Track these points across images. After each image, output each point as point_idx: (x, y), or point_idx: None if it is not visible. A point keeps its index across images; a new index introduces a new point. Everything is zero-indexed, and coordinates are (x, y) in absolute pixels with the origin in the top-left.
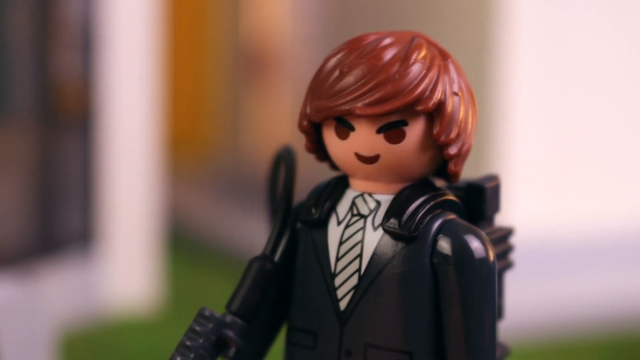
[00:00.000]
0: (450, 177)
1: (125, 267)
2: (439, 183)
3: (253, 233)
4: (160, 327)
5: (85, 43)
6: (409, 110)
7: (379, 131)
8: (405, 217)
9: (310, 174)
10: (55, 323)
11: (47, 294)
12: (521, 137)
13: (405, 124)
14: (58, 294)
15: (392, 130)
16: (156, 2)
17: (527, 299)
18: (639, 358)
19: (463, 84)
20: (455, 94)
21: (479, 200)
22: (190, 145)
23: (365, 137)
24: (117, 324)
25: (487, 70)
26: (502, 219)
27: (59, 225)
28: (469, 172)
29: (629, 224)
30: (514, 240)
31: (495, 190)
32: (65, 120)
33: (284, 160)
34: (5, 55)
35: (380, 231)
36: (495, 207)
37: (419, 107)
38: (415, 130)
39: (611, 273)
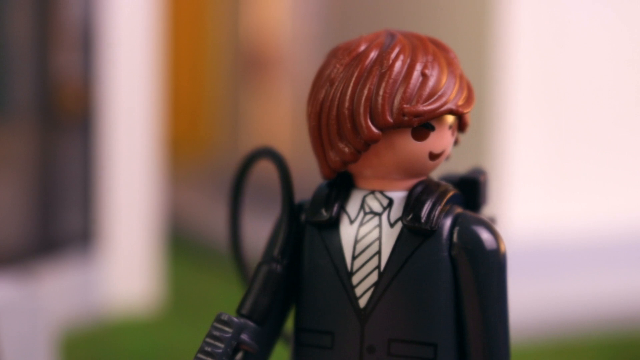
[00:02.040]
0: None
1: (125, 267)
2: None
3: (253, 233)
4: (160, 327)
5: (85, 43)
6: None
7: (449, 127)
8: (424, 212)
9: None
10: (55, 323)
11: (47, 294)
12: (521, 137)
13: (459, 118)
14: (58, 294)
15: (454, 125)
16: (156, 2)
17: (527, 299)
18: (638, 358)
19: None
20: None
21: (473, 193)
22: (190, 145)
23: (441, 135)
24: (117, 324)
25: (486, 70)
26: (501, 219)
27: (59, 225)
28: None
29: (629, 224)
30: (513, 239)
31: (485, 183)
32: (65, 120)
33: (274, 162)
34: (5, 55)
35: (397, 227)
36: (485, 199)
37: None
38: (456, 123)
39: (611, 273)
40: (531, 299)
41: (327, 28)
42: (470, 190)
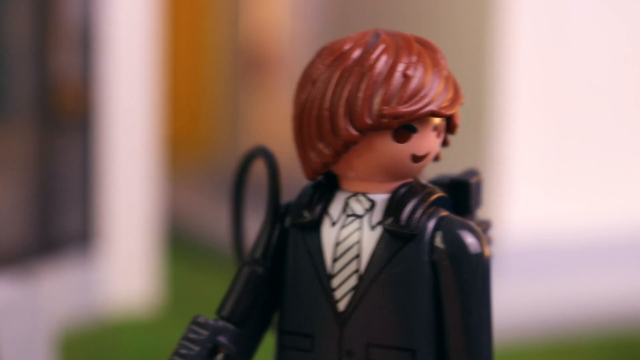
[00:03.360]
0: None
1: (124, 267)
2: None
3: (252, 233)
4: (159, 327)
5: (85, 43)
6: None
7: (434, 129)
8: (404, 215)
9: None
10: (55, 323)
11: (46, 294)
12: (520, 137)
13: (447, 119)
14: (58, 294)
15: (440, 126)
16: (156, 2)
17: (527, 299)
18: (638, 358)
19: None
20: None
21: (464, 196)
22: (190, 145)
23: (425, 137)
24: (117, 324)
25: (486, 70)
26: (501, 219)
27: (58, 225)
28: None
29: (629, 224)
30: (513, 239)
31: (478, 186)
32: (65, 120)
33: (266, 161)
34: (5, 55)
35: (378, 231)
36: (478, 202)
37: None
38: (443, 124)
39: (611, 273)
40: (531, 299)
41: (327, 28)
42: (461, 192)
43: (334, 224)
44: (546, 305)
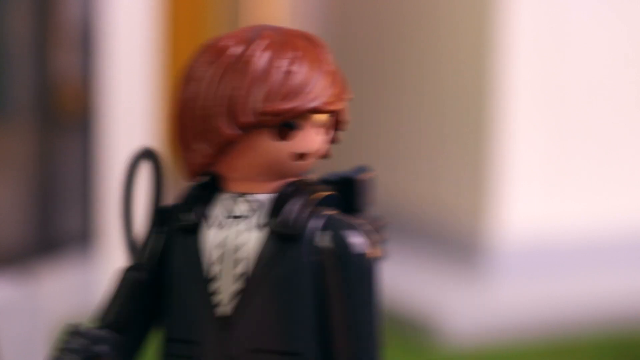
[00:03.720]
0: (344, 125)
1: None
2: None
3: None
4: None
5: (85, 43)
6: None
7: (318, 126)
8: (289, 215)
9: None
10: (55, 323)
11: (46, 294)
12: (521, 137)
13: (334, 116)
14: (57, 294)
15: (328, 123)
16: (156, 2)
17: (527, 299)
18: (638, 358)
19: None
20: None
21: (351, 193)
22: None
23: (308, 135)
24: None
25: (486, 69)
26: (502, 220)
27: (58, 225)
28: (470, 171)
29: (629, 224)
30: (513, 239)
31: (367, 183)
32: (65, 120)
33: (151, 163)
34: (5, 55)
35: (262, 232)
36: (369, 199)
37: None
38: (331, 121)
39: (611, 273)
40: (531, 299)
41: (327, 28)
42: (350, 190)
43: (216, 226)
44: (546, 305)
